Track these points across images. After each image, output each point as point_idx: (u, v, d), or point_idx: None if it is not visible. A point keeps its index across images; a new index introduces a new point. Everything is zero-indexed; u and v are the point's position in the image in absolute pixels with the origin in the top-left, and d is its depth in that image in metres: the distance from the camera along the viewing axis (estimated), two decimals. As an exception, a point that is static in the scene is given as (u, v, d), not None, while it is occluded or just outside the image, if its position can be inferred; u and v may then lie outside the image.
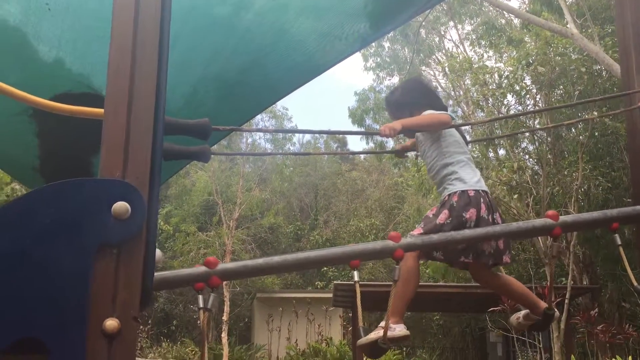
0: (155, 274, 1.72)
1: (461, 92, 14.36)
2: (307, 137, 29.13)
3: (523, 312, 2.47)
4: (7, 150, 3.64)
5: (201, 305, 1.78)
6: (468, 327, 19.80)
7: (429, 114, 2.54)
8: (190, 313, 19.64)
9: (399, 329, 2.25)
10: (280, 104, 19.01)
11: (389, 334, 2.16)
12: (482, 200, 2.32)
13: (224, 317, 16.47)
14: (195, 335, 20.26)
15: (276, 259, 1.80)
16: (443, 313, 19.98)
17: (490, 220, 2.29)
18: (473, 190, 2.36)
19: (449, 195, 2.39)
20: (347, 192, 24.67)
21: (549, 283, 2.24)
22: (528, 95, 12.11)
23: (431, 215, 2.36)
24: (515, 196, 11.79)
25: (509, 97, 12.43)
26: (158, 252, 1.23)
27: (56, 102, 1.95)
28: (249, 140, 18.69)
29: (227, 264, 1.73)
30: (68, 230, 1.06)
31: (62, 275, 1.04)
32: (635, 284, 1.94)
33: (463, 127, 2.92)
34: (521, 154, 12.91)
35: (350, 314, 13.67)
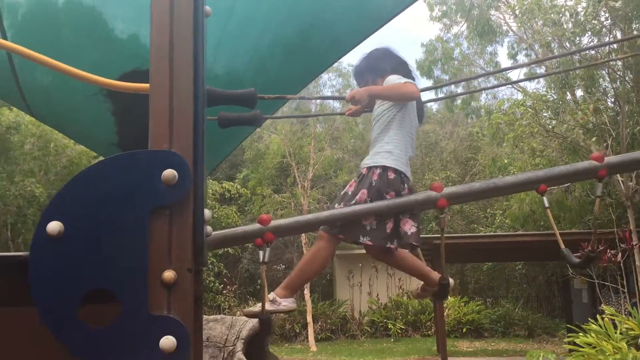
0: (216, 232, 1.90)
1: (531, 34, 13.78)
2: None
3: (421, 284, 2.46)
4: (88, 128, 3.93)
5: (261, 259, 1.95)
6: (553, 276, 19.43)
7: (396, 83, 2.45)
8: (272, 272, 20.36)
9: (285, 302, 2.23)
10: (345, 62, 18.89)
11: (275, 307, 2.19)
12: (402, 183, 2.31)
13: (306, 275, 16.95)
14: (279, 293, 21.02)
15: (325, 213, 1.93)
16: (526, 262, 19.69)
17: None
18: (394, 169, 2.34)
19: (370, 168, 2.38)
20: (420, 146, 24.43)
21: (592, 226, 2.24)
22: (604, 30, 11.47)
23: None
24: (594, 139, 11.33)
25: (585, 37, 11.82)
26: (207, 212, 1.38)
27: (122, 81, 2.11)
28: (317, 101, 18.78)
29: (279, 221, 1.87)
30: (127, 195, 1.22)
31: (125, 234, 1.21)
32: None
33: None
34: (598, 94, 12.32)
35: (430, 267, 13.73)
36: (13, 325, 1.37)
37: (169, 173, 1.23)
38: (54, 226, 1.18)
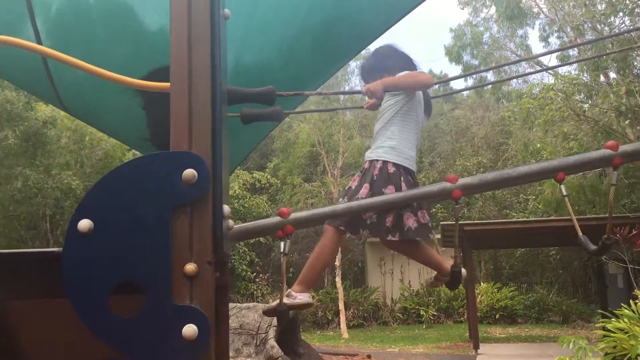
0: (239, 226, 1.98)
1: (562, 16, 13.52)
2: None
3: (435, 274, 2.51)
4: (120, 123, 4.06)
5: (282, 251, 2.04)
6: (589, 261, 19.15)
7: (408, 73, 2.49)
8: (304, 260, 20.53)
9: (300, 297, 2.29)
10: (373, 48, 18.79)
11: (291, 301, 2.24)
12: (402, 178, 2.33)
13: (337, 263, 17.11)
14: (311, 281, 21.23)
15: (341, 206, 2.00)
16: (561, 247, 19.44)
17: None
18: (393, 163, 2.37)
19: (372, 161, 2.42)
20: (451, 132, 24.27)
21: (609, 211, 2.25)
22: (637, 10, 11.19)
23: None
24: (627, 122, 11.10)
25: (617, 17, 11.55)
26: (226, 207, 1.46)
27: (153, 76, 2.17)
28: (345, 88, 18.79)
29: (298, 213, 1.95)
30: (150, 194, 1.31)
31: (150, 230, 1.30)
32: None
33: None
34: (631, 76, 12.04)
35: (462, 254, 13.72)
36: (51, 314, 1.48)
37: (189, 173, 1.31)
38: (85, 224, 1.27)
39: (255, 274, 18.87)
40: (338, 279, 17.08)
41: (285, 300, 2.22)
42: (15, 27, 3.63)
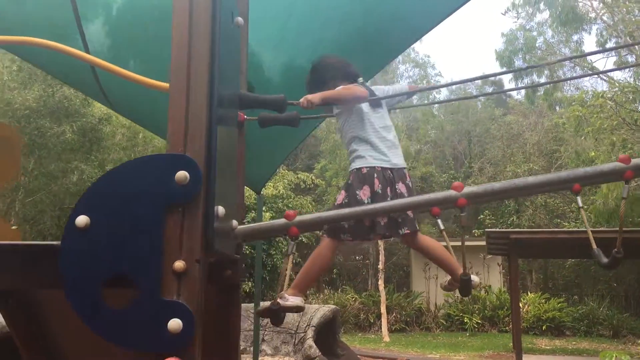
0: (246, 226, 2.05)
1: (617, 20, 13.08)
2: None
3: (449, 277, 2.63)
4: (164, 122, 4.21)
5: (289, 252, 2.09)
6: (645, 274, 18.45)
7: (344, 87, 2.61)
8: (349, 262, 20.56)
9: (292, 300, 2.37)
10: (422, 52, 18.72)
11: (283, 303, 2.31)
12: (375, 175, 2.46)
13: (380, 266, 17.06)
14: (356, 283, 21.26)
15: (345, 210, 2.04)
16: (613, 260, 18.74)
17: (389, 192, 2.44)
18: (367, 167, 2.50)
19: (349, 173, 2.56)
20: (502, 138, 23.77)
21: (619, 225, 2.20)
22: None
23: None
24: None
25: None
26: (220, 208, 1.53)
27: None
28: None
29: (304, 216, 2.00)
30: (145, 194, 1.39)
31: (143, 228, 1.38)
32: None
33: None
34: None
35: (508, 262, 13.45)
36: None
37: (182, 174, 1.39)
38: (82, 220, 1.36)
39: (297, 273, 18.98)
40: (381, 282, 17.02)
41: (279, 301, 2.30)
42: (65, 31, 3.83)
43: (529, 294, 18.85)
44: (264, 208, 14.98)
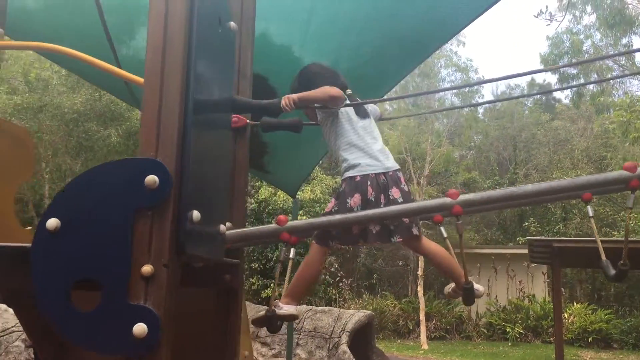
0: (235, 231, 2.04)
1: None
2: (502, 87, 27.83)
3: (453, 285, 2.55)
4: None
5: (281, 257, 2.07)
6: None
7: (321, 88, 2.54)
8: (389, 267, 20.39)
9: (286, 308, 2.34)
10: (464, 56, 18.45)
11: (277, 311, 2.27)
12: (368, 182, 2.40)
13: (419, 272, 16.85)
14: (397, 288, 21.05)
15: (337, 217, 2.01)
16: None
17: (382, 199, 2.36)
18: (360, 175, 2.44)
19: (342, 181, 2.52)
20: (548, 143, 23.16)
21: (625, 236, 2.09)
22: None
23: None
24: None
25: None
26: (196, 213, 1.52)
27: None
28: (437, 96, 18.48)
29: (296, 222, 1.98)
30: (114, 197, 1.40)
31: (111, 231, 1.39)
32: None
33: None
34: None
35: (551, 271, 13.06)
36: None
37: (151, 179, 1.39)
38: (52, 222, 1.38)
39: (338, 278, 18.95)
40: (420, 289, 16.81)
41: (274, 309, 2.29)
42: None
43: (574, 304, 18.27)
44: (301, 212, 15.01)
